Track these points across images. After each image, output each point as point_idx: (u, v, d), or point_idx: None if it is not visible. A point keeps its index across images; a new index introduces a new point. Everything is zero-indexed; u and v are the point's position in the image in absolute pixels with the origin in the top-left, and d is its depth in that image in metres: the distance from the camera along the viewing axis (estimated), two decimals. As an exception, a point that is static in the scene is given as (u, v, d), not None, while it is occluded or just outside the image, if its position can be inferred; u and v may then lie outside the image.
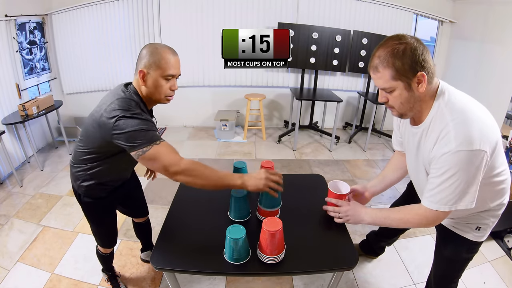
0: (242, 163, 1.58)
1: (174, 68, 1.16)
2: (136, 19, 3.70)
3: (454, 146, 0.88)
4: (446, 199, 0.95)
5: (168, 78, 1.15)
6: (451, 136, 0.90)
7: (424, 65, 0.90)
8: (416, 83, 0.92)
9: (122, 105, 1.07)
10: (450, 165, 0.90)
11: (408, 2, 3.67)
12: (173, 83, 1.19)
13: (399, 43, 0.90)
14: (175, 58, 1.17)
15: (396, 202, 1.69)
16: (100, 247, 1.58)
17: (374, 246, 1.94)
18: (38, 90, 3.50)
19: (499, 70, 3.02)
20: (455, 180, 0.91)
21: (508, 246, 2.08)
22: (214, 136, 4.02)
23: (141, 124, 1.05)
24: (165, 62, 1.13)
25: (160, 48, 1.13)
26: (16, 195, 2.68)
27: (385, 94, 0.99)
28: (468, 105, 0.95)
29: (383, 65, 0.92)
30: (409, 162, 1.23)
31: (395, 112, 1.03)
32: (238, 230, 1.10)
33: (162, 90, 1.17)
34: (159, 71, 1.13)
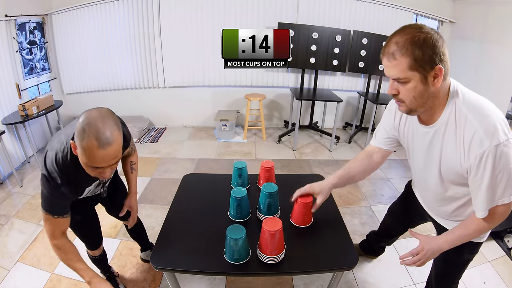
0: (242, 163, 1.58)
1: (99, 163, 0.95)
2: (136, 19, 3.70)
3: (488, 144, 0.85)
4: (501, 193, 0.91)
5: (94, 167, 0.98)
6: (480, 135, 0.86)
7: (443, 58, 0.86)
8: (433, 77, 0.87)
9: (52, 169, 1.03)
10: (492, 162, 0.86)
11: (408, 2, 3.67)
12: (102, 172, 1.00)
13: (419, 31, 0.84)
14: (104, 151, 0.92)
15: (395, 203, 1.69)
16: (88, 250, 1.58)
17: (374, 246, 1.94)
18: (38, 90, 3.50)
19: (499, 70, 3.02)
20: (502, 174, 0.88)
21: (508, 246, 2.08)
22: (214, 136, 4.02)
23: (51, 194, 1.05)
24: (89, 154, 0.92)
25: (87, 133, 0.90)
26: (16, 195, 2.68)
27: (396, 85, 0.92)
28: (482, 100, 0.93)
29: (401, 52, 0.85)
30: (415, 163, 1.18)
31: (404, 107, 0.95)
32: (238, 230, 1.10)
33: (90, 173, 1.01)
34: (82, 158, 0.95)
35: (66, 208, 1.11)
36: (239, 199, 1.31)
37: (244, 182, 1.59)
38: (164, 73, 3.99)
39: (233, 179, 1.60)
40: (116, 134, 0.95)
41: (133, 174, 1.50)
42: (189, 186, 1.65)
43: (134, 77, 3.99)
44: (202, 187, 1.66)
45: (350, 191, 2.78)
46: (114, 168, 1.03)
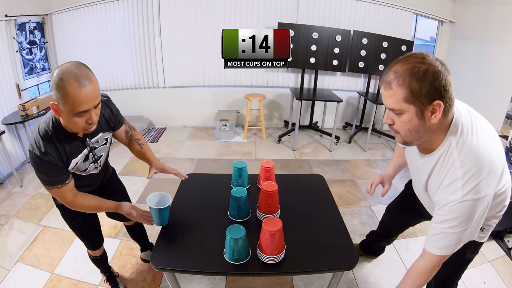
0: (242, 163, 1.58)
1: (85, 103, 0.97)
2: (136, 19, 3.70)
3: (460, 196, 0.85)
4: (451, 244, 0.92)
5: (80, 114, 1.00)
6: (458, 185, 0.86)
7: (444, 94, 0.81)
8: (430, 112, 0.82)
9: (35, 139, 1.06)
10: (456, 214, 0.87)
11: (408, 2, 3.67)
12: (89, 117, 1.02)
13: (421, 62, 0.80)
14: (86, 89, 0.96)
15: (393, 202, 1.69)
16: (88, 250, 1.58)
17: (374, 246, 1.94)
18: (38, 90, 3.50)
19: (499, 70, 3.02)
20: (461, 227, 0.88)
21: (508, 246, 2.08)
22: (214, 136, 4.02)
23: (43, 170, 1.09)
24: (72, 98, 0.95)
25: (65, 80, 0.93)
26: (16, 195, 2.68)
27: (392, 115, 0.89)
28: (480, 145, 0.87)
29: (398, 82, 0.81)
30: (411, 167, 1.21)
31: (399, 138, 0.93)
32: (238, 230, 1.10)
33: (77, 125, 1.04)
34: (68, 108, 0.97)
35: (63, 175, 1.13)
36: (239, 199, 1.31)
37: (244, 182, 1.59)
38: (164, 73, 3.99)
39: (233, 179, 1.60)
40: (91, 74, 1.02)
41: (144, 149, 1.48)
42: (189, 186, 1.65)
43: (134, 77, 3.99)
44: (202, 187, 1.66)
45: (350, 191, 2.78)
46: (98, 113, 1.07)
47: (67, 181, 1.15)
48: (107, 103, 1.28)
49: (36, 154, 1.05)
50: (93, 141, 1.23)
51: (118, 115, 1.35)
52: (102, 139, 1.28)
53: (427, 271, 1.00)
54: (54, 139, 1.08)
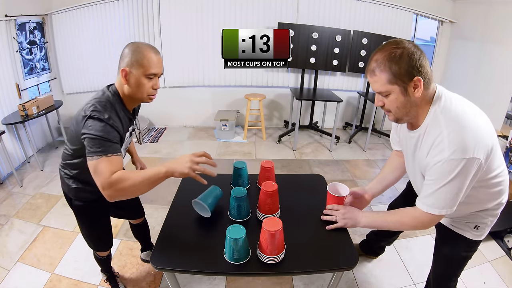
0: (242, 163, 1.58)
1: (156, 67, 1.14)
2: (136, 19, 3.70)
3: (447, 155, 0.90)
4: (439, 204, 0.98)
5: (150, 76, 1.14)
6: (444, 144, 0.91)
7: (421, 70, 0.91)
8: (413, 87, 0.93)
9: (96, 105, 1.09)
10: (444, 173, 0.92)
11: (408, 2, 3.67)
12: (155, 82, 1.18)
13: (396, 48, 0.91)
14: (157, 57, 1.15)
15: (395, 201, 1.69)
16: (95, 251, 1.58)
17: (374, 246, 1.94)
18: (38, 90, 3.50)
19: (499, 70, 3.02)
20: (449, 187, 0.94)
21: (508, 246, 2.08)
22: (214, 136, 4.02)
23: (104, 131, 1.04)
24: (147, 60, 1.11)
25: (142, 47, 1.12)
26: (16, 195, 2.68)
27: (381, 98, 1.00)
28: (464, 110, 0.95)
29: (380, 68, 0.93)
30: (407, 163, 1.25)
31: (392, 116, 1.03)
32: (238, 230, 1.10)
33: (144, 89, 1.16)
34: (141, 70, 1.12)
35: (117, 144, 1.09)
36: (239, 199, 1.31)
37: (244, 182, 1.59)
38: (164, 73, 3.99)
39: (233, 179, 1.60)
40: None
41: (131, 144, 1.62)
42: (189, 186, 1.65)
43: (134, 77, 3.99)
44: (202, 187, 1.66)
45: (350, 191, 2.78)
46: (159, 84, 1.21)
47: (119, 153, 1.07)
48: None
49: (100, 117, 1.06)
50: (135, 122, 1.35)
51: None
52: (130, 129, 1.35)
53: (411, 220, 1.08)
54: (116, 109, 1.16)
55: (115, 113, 1.14)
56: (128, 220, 1.79)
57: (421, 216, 1.03)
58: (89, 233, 1.47)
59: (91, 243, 1.52)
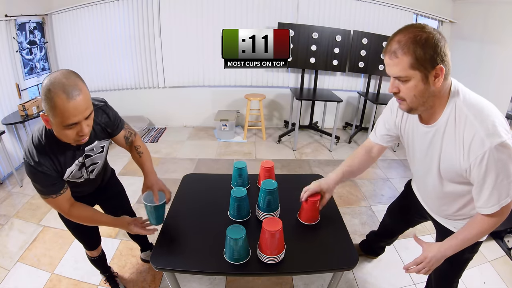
0: (242, 163, 1.58)
1: (74, 116, 0.94)
2: (136, 19, 3.70)
3: (489, 145, 0.85)
4: (503, 195, 0.91)
5: (70, 127, 0.96)
6: (481, 135, 0.86)
7: (444, 58, 0.87)
8: (434, 76, 0.88)
9: (29, 149, 1.05)
10: (494, 162, 0.87)
11: (408, 2, 3.67)
12: (80, 129, 0.99)
13: (422, 31, 0.85)
14: (74, 101, 0.92)
15: (394, 202, 1.69)
16: (86, 251, 1.58)
17: (374, 246, 1.94)
18: (38, 90, 3.50)
19: (499, 70, 3.02)
20: (505, 174, 0.88)
21: (508, 246, 2.08)
22: (214, 136, 4.02)
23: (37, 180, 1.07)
24: (60, 111, 0.91)
25: (53, 91, 0.90)
26: (16, 195, 2.68)
27: (397, 83, 0.93)
28: (483, 101, 0.94)
29: (403, 51, 0.86)
30: (412, 160, 1.20)
31: (405, 105, 0.96)
32: (238, 230, 1.10)
33: (68, 138, 1.01)
34: (56, 119, 0.94)
35: (59, 184, 1.11)
36: (239, 199, 1.31)
37: (244, 182, 1.59)
38: (164, 73, 3.99)
39: (233, 179, 1.60)
40: (81, 84, 0.97)
41: (143, 158, 1.42)
42: (189, 186, 1.65)
43: (134, 77, 3.99)
44: (202, 187, 1.66)
45: (350, 191, 2.78)
46: (90, 124, 1.03)
47: (62, 191, 1.12)
48: (103, 108, 1.22)
49: (30, 164, 1.03)
50: (87, 149, 1.19)
51: (116, 121, 1.28)
52: (98, 147, 1.24)
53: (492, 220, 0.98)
54: (47, 149, 1.06)
55: (46, 155, 1.05)
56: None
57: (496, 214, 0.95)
58: (72, 231, 1.46)
59: (80, 242, 1.52)
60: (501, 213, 0.95)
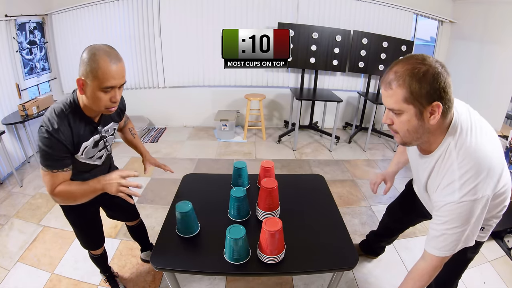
0: (242, 163, 1.58)
1: (113, 78, 1.01)
2: (136, 19, 3.70)
3: (458, 198, 0.86)
4: (451, 245, 0.93)
5: (106, 90, 1.02)
6: (455, 186, 0.86)
7: (443, 96, 0.81)
8: (429, 113, 0.83)
9: (49, 117, 1.06)
10: (454, 215, 0.88)
11: (408, 2, 3.67)
12: (114, 94, 1.05)
13: (421, 63, 0.81)
14: (116, 66, 1.01)
15: (394, 202, 1.69)
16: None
17: (374, 246, 1.94)
18: (38, 90, 3.50)
19: (499, 70, 3.02)
20: (460, 229, 0.89)
21: (508, 246, 2.08)
22: (214, 136, 4.02)
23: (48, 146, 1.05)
24: (102, 72, 0.98)
25: (98, 55, 0.98)
26: (16, 195, 2.68)
27: (391, 115, 0.90)
28: (478, 144, 0.88)
29: (398, 83, 0.82)
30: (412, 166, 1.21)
31: (398, 138, 0.94)
32: (238, 230, 1.10)
33: (100, 102, 1.05)
34: (96, 82, 1.00)
35: (65, 160, 1.09)
36: (239, 199, 1.31)
37: (244, 182, 1.59)
38: (164, 73, 3.99)
39: (233, 179, 1.60)
40: (120, 55, 1.05)
41: (136, 139, 1.61)
42: (189, 186, 1.65)
43: (134, 77, 3.99)
44: (202, 187, 1.66)
45: (350, 191, 2.78)
46: (120, 93, 1.09)
47: (65, 169, 1.10)
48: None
49: (48, 129, 1.03)
50: (105, 129, 1.25)
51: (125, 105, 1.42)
52: (112, 129, 1.30)
53: (428, 272, 1.00)
54: (69, 118, 1.08)
55: (66, 123, 1.07)
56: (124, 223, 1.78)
57: (432, 263, 0.97)
58: (77, 231, 1.46)
59: (82, 241, 1.52)
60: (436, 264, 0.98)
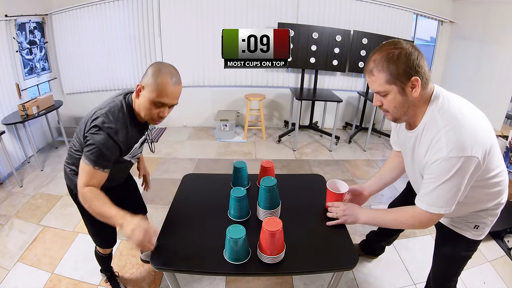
0: (242, 163, 1.58)
1: (168, 97, 1.11)
2: (136, 19, 3.70)
3: (445, 153, 0.91)
4: (438, 202, 0.98)
5: (158, 104, 1.11)
6: (442, 143, 0.92)
7: (419, 70, 0.92)
8: (410, 87, 0.94)
9: (108, 114, 1.10)
10: (442, 171, 0.93)
11: (408, 2, 3.67)
12: (163, 110, 1.14)
13: (394, 48, 0.92)
14: (175, 87, 1.11)
15: (394, 201, 1.69)
16: (99, 248, 1.58)
17: (374, 246, 1.94)
18: (38, 90, 3.50)
19: (499, 70, 3.02)
20: (447, 186, 0.94)
21: (508, 246, 2.08)
22: (214, 136, 4.02)
23: (105, 146, 1.08)
24: (161, 89, 1.08)
25: (163, 72, 1.09)
26: (16, 195, 2.68)
27: (379, 97, 1.01)
28: (461, 110, 0.96)
29: (378, 69, 0.94)
30: (406, 163, 1.25)
31: (390, 116, 1.04)
32: (238, 230, 1.10)
33: (149, 112, 1.13)
34: (152, 94, 1.09)
35: (110, 162, 1.13)
36: (239, 199, 1.31)
37: (244, 182, 1.59)
38: (164, 73, 3.99)
39: (233, 179, 1.60)
40: (181, 79, 1.16)
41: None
42: (189, 186, 1.65)
43: (134, 77, 3.99)
44: (202, 187, 1.66)
45: (350, 191, 2.78)
46: (169, 111, 1.18)
47: (106, 170, 1.13)
48: None
49: (107, 129, 1.07)
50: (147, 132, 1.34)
51: None
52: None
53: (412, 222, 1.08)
54: (127, 121, 1.15)
55: (124, 125, 1.14)
56: None
57: (420, 215, 1.03)
58: (93, 229, 1.47)
59: (96, 239, 1.53)
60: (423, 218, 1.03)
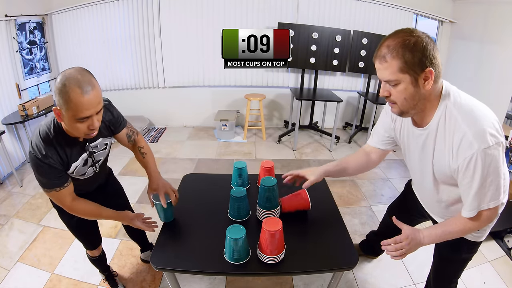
0: (242, 163, 1.58)
1: (87, 109, 0.98)
2: (136, 19, 3.70)
3: (477, 147, 0.86)
4: (487, 198, 0.93)
5: (82, 120, 1.01)
6: (469, 138, 0.87)
7: (433, 61, 0.88)
8: (423, 79, 0.89)
9: (36, 142, 1.07)
10: (481, 166, 0.87)
11: (408, 2, 3.67)
12: (91, 123, 1.03)
13: (410, 35, 0.87)
14: (88, 96, 0.97)
15: (394, 202, 1.69)
16: (88, 251, 1.58)
17: (374, 246, 1.93)
18: (38, 90, 3.50)
19: (499, 70, 3.02)
20: (491, 178, 0.89)
21: (508, 246, 2.08)
22: (214, 136, 4.02)
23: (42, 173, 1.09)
24: (74, 104, 0.96)
25: (68, 86, 0.94)
26: (16, 195, 2.68)
27: (388, 87, 0.94)
28: (473, 101, 0.94)
29: (392, 55, 0.88)
30: (411, 164, 1.20)
31: (396, 108, 0.98)
32: (238, 230, 1.10)
33: (79, 130, 1.04)
34: (69, 113, 0.98)
35: (62, 178, 1.13)
36: (239, 199, 1.31)
37: (244, 182, 1.59)
38: (164, 73, 3.99)
39: (233, 179, 1.60)
40: (94, 80, 1.01)
41: (146, 159, 1.47)
42: (189, 186, 1.65)
43: (134, 77, 3.99)
44: (202, 187, 1.66)
45: (350, 191, 2.78)
46: (100, 118, 1.07)
47: (66, 184, 1.14)
48: (108, 107, 1.26)
49: (37, 156, 1.05)
50: (92, 146, 1.23)
51: (120, 118, 1.34)
52: (102, 144, 1.28)
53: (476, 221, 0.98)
54: (55, 142, 1.09)
55: (53, 148, 1.08)
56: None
57: (475, 218, 0.97)
58: (72, 231, 1.46)
59: (82, 242, 1.53)
60: (479, 219, 0.97)
